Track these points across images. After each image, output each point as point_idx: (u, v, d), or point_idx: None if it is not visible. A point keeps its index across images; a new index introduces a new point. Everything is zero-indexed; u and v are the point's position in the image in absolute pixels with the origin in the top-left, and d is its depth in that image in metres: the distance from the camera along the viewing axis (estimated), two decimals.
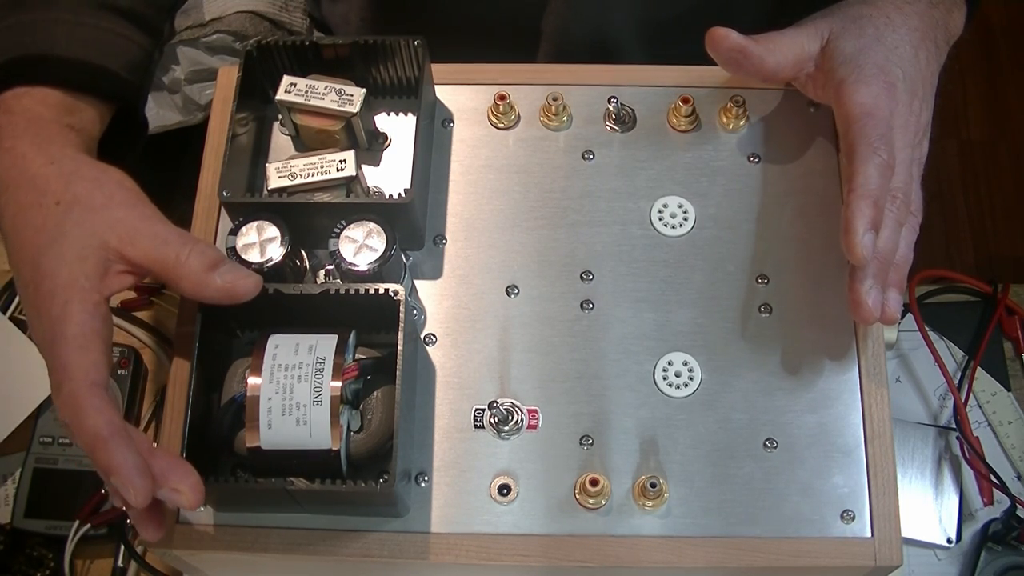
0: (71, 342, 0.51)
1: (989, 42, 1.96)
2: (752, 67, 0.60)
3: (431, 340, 0.60)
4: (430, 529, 0.56)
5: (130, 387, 0.82)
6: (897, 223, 0.58)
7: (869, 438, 0.57)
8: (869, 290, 0.56)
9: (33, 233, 0.54)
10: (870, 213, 0.55)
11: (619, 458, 0.57)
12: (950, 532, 0.78)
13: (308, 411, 0.52)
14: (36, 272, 0.53)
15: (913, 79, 0.60)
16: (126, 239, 0.53)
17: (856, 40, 0.60)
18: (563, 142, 0.64)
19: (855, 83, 0.58)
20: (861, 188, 0.56)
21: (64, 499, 0.79)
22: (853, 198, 0.56)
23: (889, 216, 0.57)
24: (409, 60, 0.61)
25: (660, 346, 0.59)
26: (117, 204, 0.54)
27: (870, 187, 0.56)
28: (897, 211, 0.58)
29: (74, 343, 0.51)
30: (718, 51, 0.60)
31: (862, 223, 0.55)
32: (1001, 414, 0.83)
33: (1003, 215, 1.81)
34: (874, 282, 0.57)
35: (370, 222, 0.57)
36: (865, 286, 0.56)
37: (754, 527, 0.56)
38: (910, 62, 0.60)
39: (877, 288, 0.57)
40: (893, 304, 0.57)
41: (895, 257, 0.58)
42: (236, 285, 0.53)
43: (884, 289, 0.57)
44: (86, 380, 0.50)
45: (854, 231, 0.55)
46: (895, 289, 0.58)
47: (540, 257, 0.61)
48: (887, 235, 0.57)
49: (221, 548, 0.56)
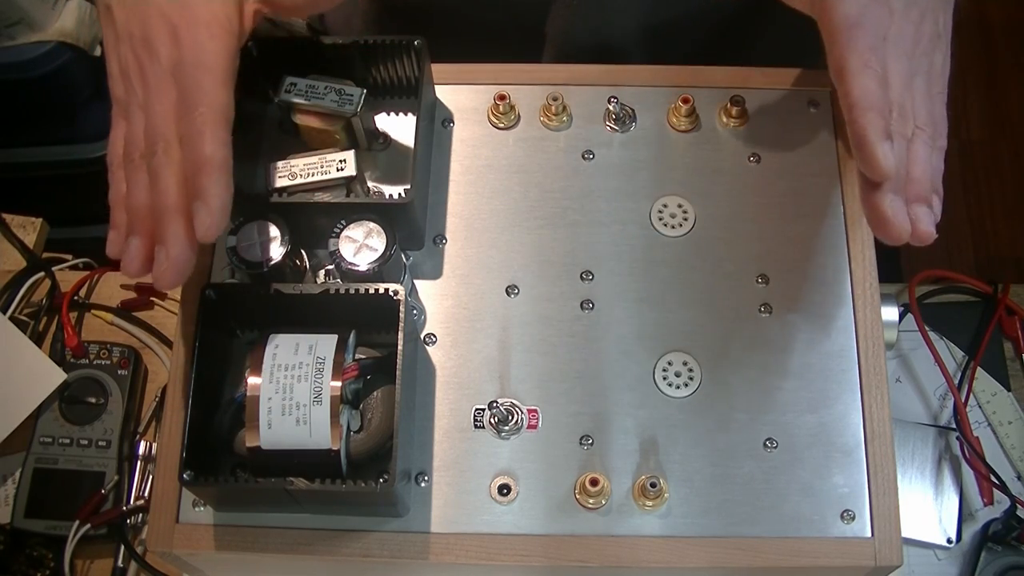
0: (217, 74, 0.52)
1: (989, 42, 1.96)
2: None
3: (431, 340, 0.60)
4: (430, 529, 0.56)
5: (130, 387, 0.83)
6: (901, 136, 0.53)
7: (869, 438, 0.57)
8: (892, 203, 0.52)
9: None
10: (880, 123, 0.51)
11: (619, 458, 0.57)
12: (950, 532, 0.78)
13: (308, 411, 0.52)
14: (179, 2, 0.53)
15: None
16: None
17: None
18: (563, 142, 0.64)
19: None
20: (862, 100, 0.52)
21: (64, 499, 0.79)
22: (857, 113, 0.51)
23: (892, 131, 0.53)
24: (409, 60, 0.61)
25: (660, 346, 0.59)
26: None
27: (871, 99, 0.52)
28: (896, 123, 0.53)
29: (220, 76, 0.52)
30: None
31: (876, 133, 0.51)
32: (1001, 414, 0.83)
33: (1003, 215, 1.81)
34: (895, 196, 0.52)
35: (370, 222, 0.57)
36: (887, 200, 0.52)
37: (754, 527, 0.56)
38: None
39: (900, 201, 0.52)
40: (926, 220, 0.53)
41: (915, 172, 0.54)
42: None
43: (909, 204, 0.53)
44: (225, 113, 0.52)
45: (871, 143, 0.51)
46: (922, 204, 0.53)
47: (540, 257, 0.61)
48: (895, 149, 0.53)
49: (221, 548, 0.56)
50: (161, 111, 0.52)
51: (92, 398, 0.82)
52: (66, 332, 0.83)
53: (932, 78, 0.56)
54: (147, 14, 0.54)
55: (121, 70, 0.55)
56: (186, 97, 0.52)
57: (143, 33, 0.54)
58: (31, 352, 0.82)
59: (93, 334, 0.86)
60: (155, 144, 0.52)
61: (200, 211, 0.50)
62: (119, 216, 0.54)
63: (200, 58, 0.52)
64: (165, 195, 0.51)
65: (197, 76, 0.52)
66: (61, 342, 0.84)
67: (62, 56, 1.24)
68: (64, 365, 0.82)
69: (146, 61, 0.53)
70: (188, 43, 0.53)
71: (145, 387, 0.85)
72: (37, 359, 0.82)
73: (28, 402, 0.80)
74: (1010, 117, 1.90)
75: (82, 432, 0.81)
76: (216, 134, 0.51)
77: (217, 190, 0.50)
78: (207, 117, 0.51)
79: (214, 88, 0.52)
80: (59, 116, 1.32)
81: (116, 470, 0.80)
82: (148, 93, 0.53)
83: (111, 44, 0.56)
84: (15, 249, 0.89)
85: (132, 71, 0.54)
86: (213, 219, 0.50)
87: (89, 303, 0.87)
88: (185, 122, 0.51)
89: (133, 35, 0.54)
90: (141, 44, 0.54)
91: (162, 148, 0.52)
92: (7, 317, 0.84)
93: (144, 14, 0.54)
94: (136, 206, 0.53)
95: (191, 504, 0.56)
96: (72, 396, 0.82)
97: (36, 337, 0.84)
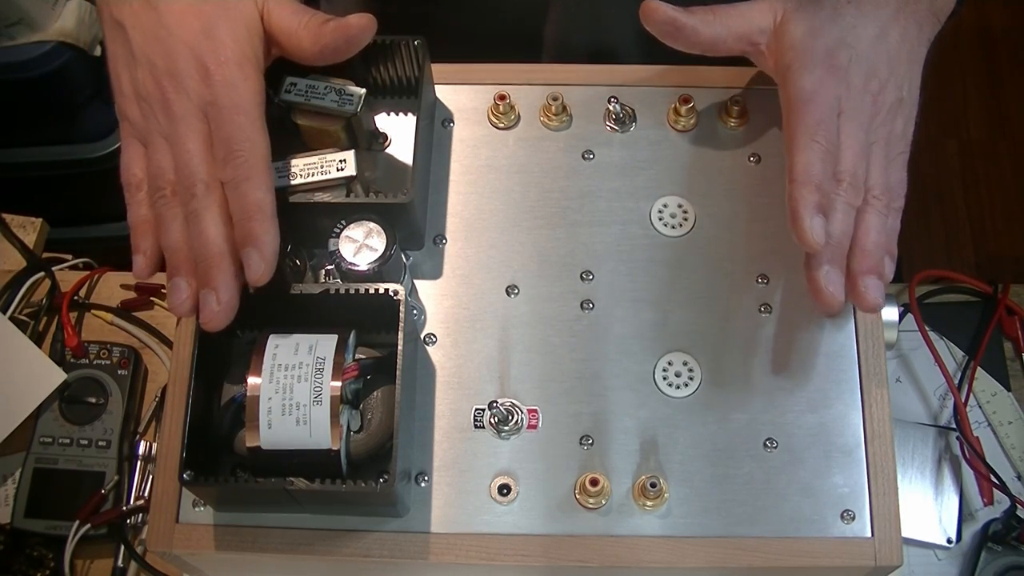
0: (254, 117, 0.54)
1: (989, 42, 1.96)
2: (687, 39, 0.58)
3: (431, 340, 0.60)
4: (430, 529, 0.56)
5: (130, 387, 0.82)
6: (848, 206, 0.55)
7: (869, 438, 0.57)
8: (827, 275, 0.54)
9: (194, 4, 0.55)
10: (813, 198, 0.54)
11: (619, 458, 0.57)
12: (950, 532, 0.78)
13: (308, 411, 0.52)
14: (209, 39, 0.54)
15: (871, 59, 0.57)
16: (267, 11, 0.56)
17: (808, 21, 0.58)
18: (563, 142, 0.64)
19: (798, 70, 0.56)
20: (801, 176, 0.54)
21: (64, 499, 0.79)
22: (794, 187, 0.54)
23: (838, 200, 0.55)
24: (409, 60, 0.61)
25: (660, 346, 0.59)
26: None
27: (811, 173, 0.54)
28: (845, 194, 0.55)
29: (258, 118, 0.54)
30: (651, 24, 0.58)
31: (807, 208, 0.53)
32: (1001, 414, 0.83)
33: (1003, 215, 1.81)
34: (831, 267, 0.54)
35: (370, 222, 0.57)
36: (822, 272, 0.54)
37: (754, 527, 0.56)
38: (870, 41, 0.58)
39: (836, 272, 0.54)
40: (875, 291, 0.55)
41: (866, 243, 0.56)
42: (349, 22, 0.55)
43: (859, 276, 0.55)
44: (267, 157, 0.53)
45: (800, 217, 0.53)
46: (871, 276, 0.55)
47: (540, 257, 0.61)
48: (839, 218, 0.55)
49: (221, 548, 0.56)
50: (194, 150, 0.53)
51: (92, 398, 0.82)
52: (66, 332, 0.83)
53: (892, 143, 0.58)
54: (172, 47, 0.54)
55: (137, 93, 0.56)
56: (227, 142, 0.53)
57: (168, 66, 0.54)
58: (31, 352, 0.82)
59: (93, 334, 0.86)
60: (193, 185, 0.53)
61: (253, 257, 0.52)
62: (144, 242, 0.55)
63: (235, 100, 0.53)
64: (212, 242, 0.52)
65: (237, 120, 0.53)
66: (61, 342, 0.84)
67: (62, 56, 1.24)
68: (64, 365, 0.82)
69: (172, 94, 0.54)
70: (220, 83, 0.53)
71: (145, 387, 0.85)
72: (37, 359, 0.82)
73: (28, 402, 0.80)
74: (1010, 117, 1.90)
75: (82, 432, 0.81)
76: (263, 180, 0.53)
77: (269, 237, 0.52)
78: (253, 163, 0.53)
79: (254, 132, 0.53)
80: (59, 116, 1.32)
81: (116, 470, 0.80)
82: (175, 127, 0.54)
83: (123, 62, 0.57)
84: (15, 249, 0.89)
85: (154, 100, 0.55)
86: (267, 266, 0.52)
87: (89, 303, 0.87)
88: (231, 167, 0.53)
89: (155, 65, 0.55)
90: (166, 76, 0.54)
91: (201, 190, 0.53)
92: (7, 317, 0.84)
93: (169, 46, 0.55)
94: (175, 246, 0.54)
95: (191, 504, 0.56)
96: (72, 396, 0.82)
97: (36, 337, 0.84)
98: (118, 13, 0.56)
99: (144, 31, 0.55)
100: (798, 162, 0.55)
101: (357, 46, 0.56)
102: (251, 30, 0.55)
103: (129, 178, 0.56)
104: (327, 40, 0.55)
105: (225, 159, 0.53)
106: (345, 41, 0.55)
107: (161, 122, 0.55)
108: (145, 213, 0.55)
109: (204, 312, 0.52)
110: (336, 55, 0.56)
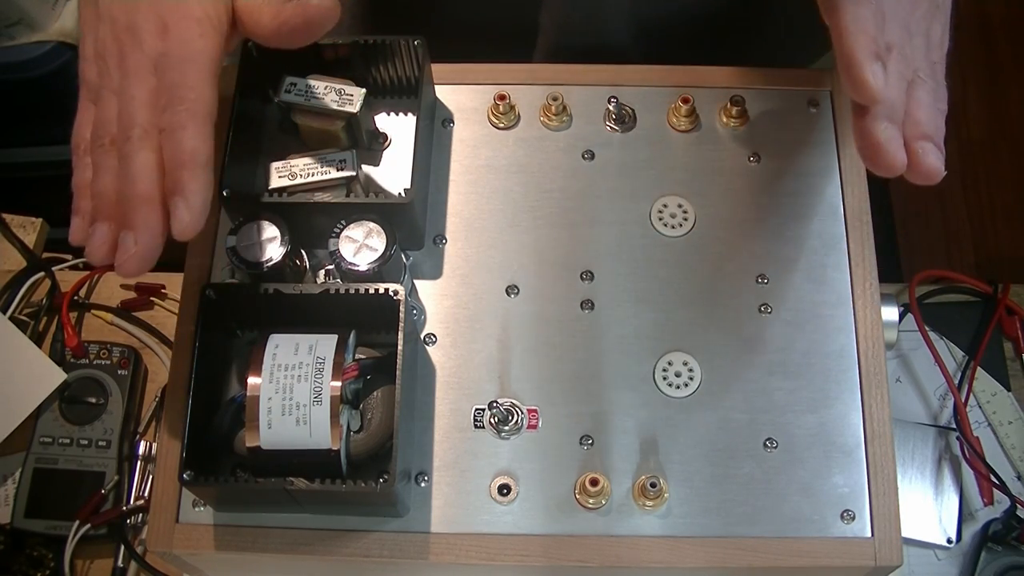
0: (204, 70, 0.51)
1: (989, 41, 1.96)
2: None
3: (431, 340, 0.60)
4: (430, 529, 0.56)
5: (130, 387, 0.83)
6: (899, 75, 0.51)
7: (869, 438, 0.57)
8: (886, 129, 0.49)
9: None
10: (871, 47, 0.49)
11: (619, 458, 0.57)
12: (950, 532, 0.78)
13: (308, 411, 0.52)
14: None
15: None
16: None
17: None
18: (563, 142, 0.64)
19: None
20: (852, 25, 0.49)
21: (64, 499, 0.79)
22: (847, 34, 0.49)
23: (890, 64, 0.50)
24: (409, 60, 0.61)
25: (660, 346, 0.59)
26: None
27: (865, 25, 0.49)
28: (896, 63, 0.50)
29: (207, 72, 0.51)
30: None
31: (865, 53, 0.48)
32: (1001, 414, 0.83)
33: (1003, 215, 1.81)
34: (890, 123, 0.49)
35: (370, 222, 0.57)
36: (880, 126, 0.49)
37: (754, 527, 0.56)
38: None
39: (895, 129, 0.49)
40: (932, 154, 0.50)
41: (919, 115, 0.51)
42: (310, 2, 0.52)
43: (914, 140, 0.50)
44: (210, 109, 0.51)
45: (859, 62, 0.48)
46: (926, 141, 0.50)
47: (540, 257, 0.61)
48: (893, 82, 0.50)
49: (221, 548, 0.56)
50: (139, 98, 0.51)
51: (92, 398, 0.82)
52: (66, 332, 0.83)
53: (931, 42, 0.54)
54: (136, 3, 0.53)
55: (96, 52, 0.54)
56: (170, 89, 0.50)
57: (128, 20, 0.52)
58: (31, 352, 0.82)
59: (93, 334, 0.86)
60: (129, 129, 0.50)
61: (179, 207, 0.48)
62: (83, 203, 0.53)
63: (188, 53, 0.51)
64: (137, 181, 0.49)
65: (184, 69, 0.51)
66: (61, 342, 0.84)
67: (62, 56, 1.24)
68: (64, 365, 0.83)
69: (128, 47, 0.52)
70: (176, 37, 0.51)
71: (145, 387, 0.85)
72: (37, 359, 0.82)
73: (28, 402, 0.80)
74: (1010, 117, 1.90)
75: (82, 432, 0.81)
76: (201, 128, 0.50)
77: (198, 187, 0.49)
78: (193, 110, 0.50)
79: (200, 83, 0.51)
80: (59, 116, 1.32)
81: (116, 470, 0.80)
82: (125, 79, 0.52)
83: (89, 24, 0.55)
84: (15, 249, 0.89)
85: (110, 55, 0.53)
86: (193, 216, 0.48)
87: (89, 303, 0.87)
88: (168, 114, 0.50)
89: (116, 20, 0.53)
90: (125, 30, 0.53)
91: (137, 134, 0.50)
92: (7, 317, 0.84)
93: (132, 3, 0.53)
94: (103, 191, 0.51)
95: (191, 504, 0.56)
96: (72, 396, 0.82)
97: (36, 337, 0.84)
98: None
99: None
100: (849, 16, 0.49)
101: (318, 29, 0.53)
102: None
103: (77, 140, 0.54)
104: (286, 17, 0.52)
105: (165, 106, 0.50)
106: (304, 22, 0.52)
107: (115, 78, 0.53)
108: (89, 176, 0.53)
109: (119, 254, 0.49)
110: (294, 36, 0.53)
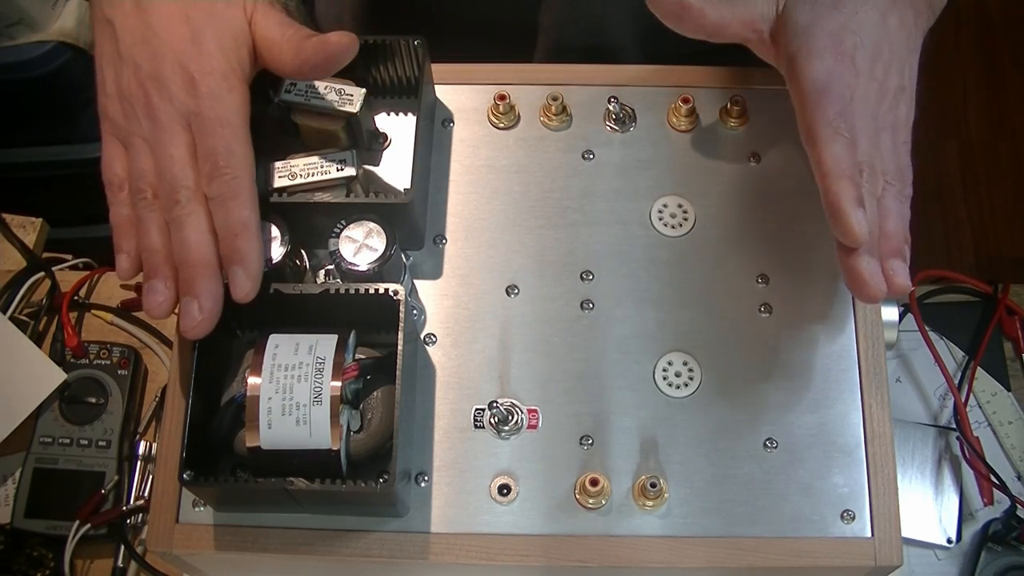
0: (240, 131, 0.54)
1: (989, 42, 1.96)
2: (693, 22, 0.58)
3: (431, 340, 0.60)
4: (430, 529, 0.56)
5: (130, 387, 0.83)
6: (872, 196, 0.55)
7: (869, 438, 0.57)
8: (868, 265, 0.53)
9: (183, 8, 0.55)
10: (852, 192, 0.53)
11: (619, 458, 0.57)
12: (950, 532, 0.78)
13: (308, 411, 0.52)
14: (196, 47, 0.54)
15: (875, 43, 0.57)
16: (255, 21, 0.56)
17: (811, 8, 0.57)
18: (563, 142, 0.64)
19: (806, 58, 0.56)
20: (834, 169, 0.54)
21: (64, 499, 0.79)
22: (830, 181, 0.53)
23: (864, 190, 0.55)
24: (409, 60, 0.61)
25: (660, 346, 0.59)
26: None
27: (842, 167, 0.54)
28: (868, 183, 0.55)
29: (243, 133, 0.54)
30: (657, 6, 0.58)
31: (849, 202, 0.53)
32: (1001, 414, 0.83)
33: (1003, 215, 1.81)
34: (871, 257, 0.54)
35: (370, 222, 0.57)
36: (864, 263, 0.53)
37: (754, 527, 0.56)
38: (872, 26, 0.57)
39: (875, 262, 0.54)
40: (901, 273, 0.54)
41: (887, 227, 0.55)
42: (329, 39, 0.55)
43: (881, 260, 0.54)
44: (253, 173, 0.54)
45: (845, 213, 0.53)
46: (896, 259, 0.55)
47: (540, 257, 0.61)
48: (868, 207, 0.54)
49: (221, 548, 0.56)
50: (177, 156, 0.54)
51: (92, 398, 0.82)
52: (66, 332, 0.83)
53: (897, 130, 0.58)
54: (158, 50, 0.55)
55: (120, 93, 0.56)
56: (211, 156, 0.53)
57: (153, 69, 0.55)
58: (31, 352, 0.82)
59: (93, 334, 0.86)
60: (176, 191, 0.53)
61: (239, 275, 0.53)
62: (126, 242, 0.56)
63: (220, 113, 0.54)
64: (194, 249, 0.53)
65: (222, 134, 0.53)
66: (61, 342, 0.84)
67: (62, 56, 1.24)
68: (64, 365, 0.82)
69: (156, 98, 0.54)
70: (206, 94, 0.54)
71: (145, 387, 0.85)
72: (37, 359, 0.82)
73: (28, 402, 0.80)
74: (1010, 117, 1.90)
75: (82, 432, 0.81)
76: (250, 197, 0.54)
77: (255, 255, 0.53)
78: (238, 178, 0.53)
79: (239, 146, 0.54)
80: (59, 116, 1.32)
81: (116, 470, 0.80)
82: (158, 133, 0.54)
83: (109, 60, 0.57)
84: (15, 249, 0.89)
85: (136, 101, 0.55)
86: (253, 282, 0.53)
87: (89, 303, 0.87)
88: (216, 183, 0.53)
89: (140, 67, 0.55)
90: (151, 79, 0.55)
91: (185, 197, 0.53)
92: (7, 317, 0.84)
93: (155, 49, 0.55)
94: (154, 248, 0.54)
95: (191, 504, 0.56)
96: (72, 396, 0.82)
97: (36, 337, 0.84)
98: (108, 11, 0.56)
99: (132, 32, 0.55)
100: (827, 156, 0.54)
101: (338, 64, 0.55)
102: (238, 39, 0.55)
103: (111, 176, 0.56)
104: (307, 55, 0.55)
105: (211, 174, 0.53)
106: (324, 58, 0.55)
107: (143, 125, 0.55)
108: (128, 213, 0.56)
109: (185, 320, 0.53)
110: (315, 71, 0.56)
